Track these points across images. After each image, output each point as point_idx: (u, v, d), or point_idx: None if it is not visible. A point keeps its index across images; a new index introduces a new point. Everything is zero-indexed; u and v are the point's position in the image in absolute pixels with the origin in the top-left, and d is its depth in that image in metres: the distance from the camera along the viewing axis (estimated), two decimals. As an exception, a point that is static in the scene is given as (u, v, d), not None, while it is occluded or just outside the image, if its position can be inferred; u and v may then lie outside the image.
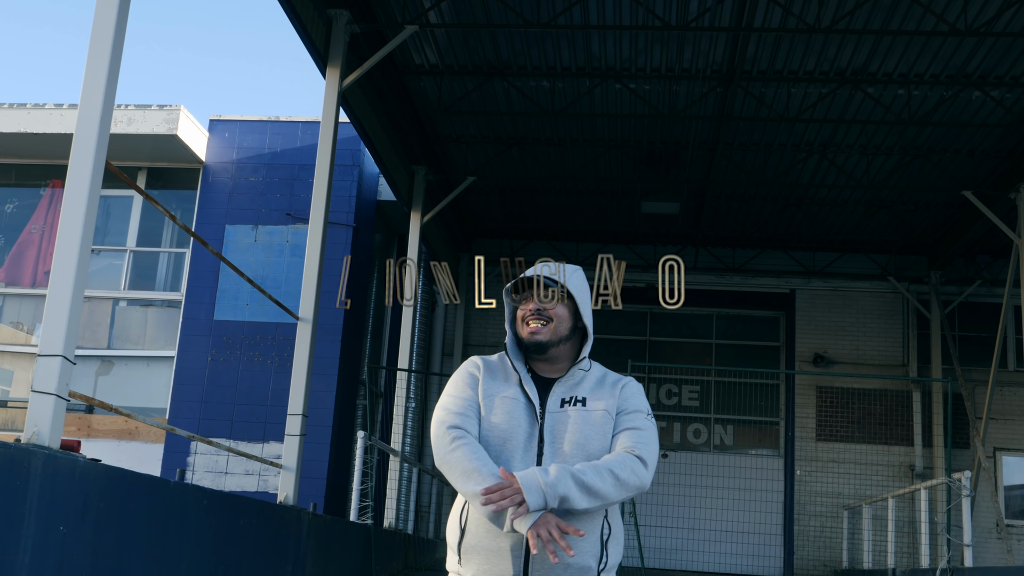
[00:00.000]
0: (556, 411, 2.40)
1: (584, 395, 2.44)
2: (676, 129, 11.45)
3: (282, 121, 13.88)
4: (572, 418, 2.38)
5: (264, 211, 13.53)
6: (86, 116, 4.44)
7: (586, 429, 2.37)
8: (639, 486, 2.32)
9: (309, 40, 8.36)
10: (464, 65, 10.35)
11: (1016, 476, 14.64)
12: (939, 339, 14.70)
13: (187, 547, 5.17)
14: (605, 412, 2.39)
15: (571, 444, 2.36)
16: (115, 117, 13.12)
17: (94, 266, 14.21)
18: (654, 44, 9.67)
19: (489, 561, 2.30)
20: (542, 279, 2.45)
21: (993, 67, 9.50)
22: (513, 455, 2.35)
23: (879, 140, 11.29)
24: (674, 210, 13.45)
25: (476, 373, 2.52)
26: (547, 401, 2.42)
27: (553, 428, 2.38)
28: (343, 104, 9.48)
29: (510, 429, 2.37)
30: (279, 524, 6.74)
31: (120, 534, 4.40)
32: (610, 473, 2.27)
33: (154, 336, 13.73)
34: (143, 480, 4.69)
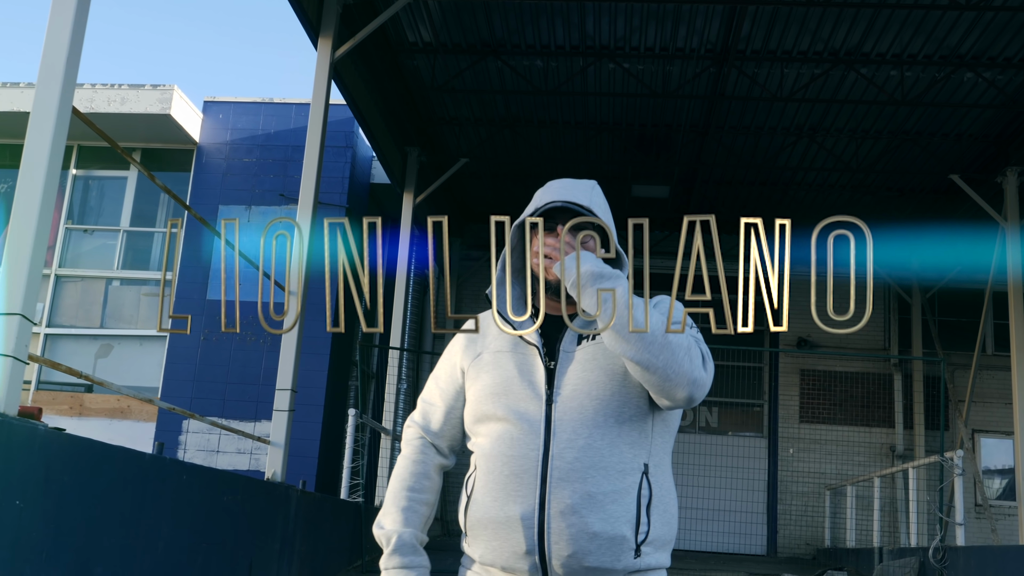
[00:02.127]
0: (571, 350, 1.87)
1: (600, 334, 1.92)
2: (668, 112, 10.94)
3: (276, 103, 13.30)
4: (590, 357, 1.85)
5: (258, 192, 12.96)
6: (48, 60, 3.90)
7: (606, 365, 1.82)
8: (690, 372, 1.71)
9: (301, 11, 7.82)
10: (458, 43, 9.81)
11: (993, 457, 14.28)
12: (920, 323, 14.30)
13: (165, 524, 4.65)
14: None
15: (584, 385, 1.82)
16: (108, 96, 12.52)
17: (87, 246, 13.61)
18: (649, 22, 9.16)
19: (498, 536, 1.80)
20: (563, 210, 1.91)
21: (986, 48, 9.04)
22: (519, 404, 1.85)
23: (868, 124, 10.83)
24: (664, 194, 12.96)
25: (455, 346, 2.05)
26: (560, 340, 1.89)
27: (566, 368, 1.85)
28: (337, 81, 8.93)
29: (504, 382, 1.87)
30: (266, 501, 6.22)
31: (87, 510, 3.88)
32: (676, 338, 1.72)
33: (146, 316, 13.15)
34: (113, 452, 4.16)
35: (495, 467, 1.82)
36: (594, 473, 1.77)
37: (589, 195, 1.95)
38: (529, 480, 1.78)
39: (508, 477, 1.80)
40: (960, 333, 14.37)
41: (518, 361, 1.90)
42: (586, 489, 1.75)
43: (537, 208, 1.94)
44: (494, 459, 1.83)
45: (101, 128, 13.30)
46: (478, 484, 1.86)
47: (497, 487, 1.81)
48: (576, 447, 1.78)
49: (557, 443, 1.79)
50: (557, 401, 1.83)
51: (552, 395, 1.84)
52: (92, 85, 12.60)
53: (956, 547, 7.67)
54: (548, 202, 1.92)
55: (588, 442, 1.79)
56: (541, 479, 1.77)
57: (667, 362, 1.71)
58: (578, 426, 1.80)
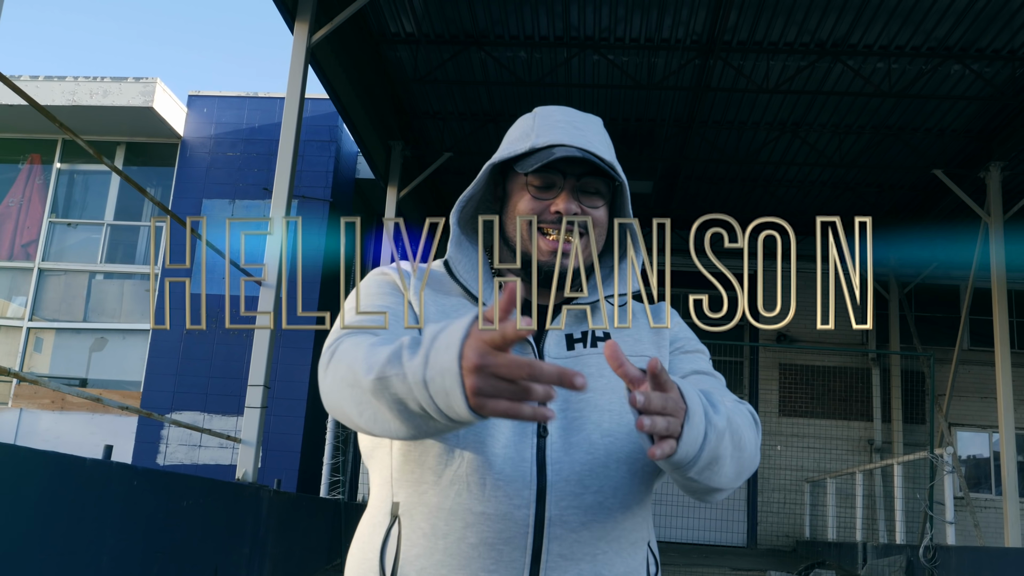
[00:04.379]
0: (562, 357, 1.26)
1: (606, 329, 1.30)
2: (652, 106, 10.35)
3: (260, 97, 12.62)
4: (593, 366, 1.25)
5: (241, 186, 12.29)
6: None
7: (618, 385, 1.21)
8: (753, 459, 1.20)
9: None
10: (440, 34, 9.19)
11: (967, 450, 13.81)
12: (897, 318, 13.81)
13: (110, 534, 4.02)
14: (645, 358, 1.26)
15: (593, 411, 1.20)
16: (90, 89, 11.81)
17: (70, 239, 12.90)
18: (633, 12, 8.57)
19: None
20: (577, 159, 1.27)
21: (975, 39, 8.50)
22: (491, 435, 1.17)
23: (852, 119, 10.28)
24: (647, 189, 12.38)
25: (398, 285, 1.29)
26: (544, 340, 1.27)
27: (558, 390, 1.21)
28: (317, 71, 8.31)
29: None
30: (234, 503, 5.59)
31: (14, 522, 3.26)
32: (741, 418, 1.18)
33: (130, 310, 12.45)
34: (47, 458, 3.54)
35: (453, 530, 1.15)
36: (605, 547, 1.16)
37: (606, 141, 1.34)
38: (512, 556, 1.13)
39: (476, 548, 1.13)
40: (937, 328, 13.90)
41: None
42: (596, 572, 1.15)
43: (536, 147, 1.27)
44: (451, 517, 1.15)
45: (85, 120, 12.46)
46: (413, 554, 1.16)
47: (455, 563, 1.14)
48: (583, 507, 1.16)
49: (556, 499, 1.15)
50: (550, 431, 1.19)
51: (546, 424, 1.19)
52: (74, 78, 11.89)
53: (947, 546, 7.13)
54: (555, 144, 1.26)
55: (599, 499, 1.16)
56: (532, 555, 1.13)
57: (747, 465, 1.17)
58: (585, 475, 1.17)
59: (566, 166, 1.26)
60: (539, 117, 1.34)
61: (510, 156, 1.29)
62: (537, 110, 1.37)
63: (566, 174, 1.26)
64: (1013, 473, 8.86)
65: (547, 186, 1.27)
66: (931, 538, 7.23)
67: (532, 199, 1.27)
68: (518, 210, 1.27)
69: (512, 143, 1.32)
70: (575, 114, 1.34)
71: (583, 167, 1.26)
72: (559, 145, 1.25)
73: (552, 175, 1.27)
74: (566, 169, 1.26)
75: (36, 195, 12.96)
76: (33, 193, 13.01)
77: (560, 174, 1.26)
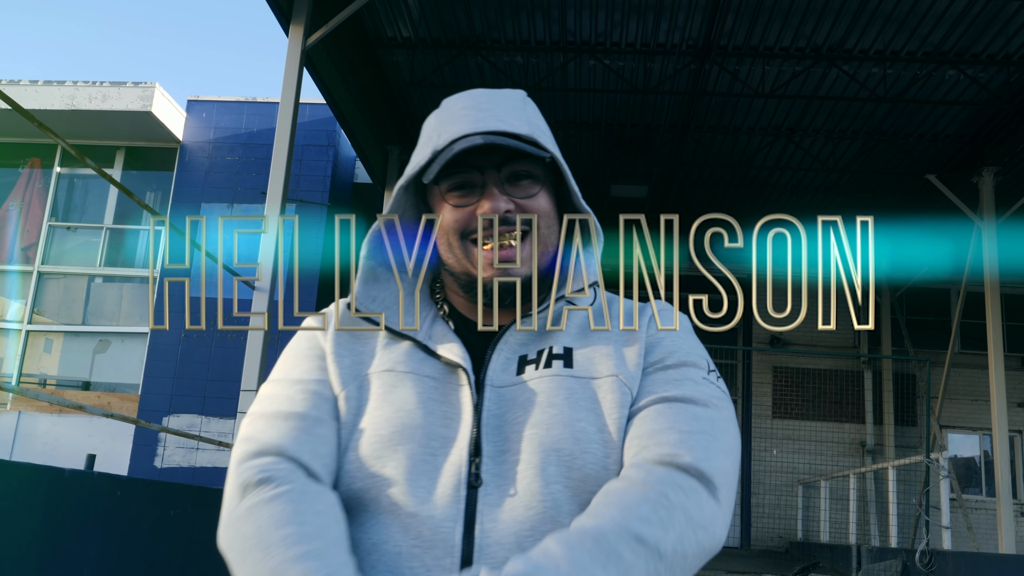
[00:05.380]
0: (507, 384, 0.99)
1: (568, 343, 1.03)
2: (648, 111, 10.13)
3: (259, 102, 12.39)
4: (543, 393, 0.97)
5: (240, 190, 12.05)
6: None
7: (571, 417, 0.95)
8: (709, 548, 0.90)
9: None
10: (437, 38, 8.96)
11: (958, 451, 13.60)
12: (889, 322, 13.60)
13: (91, 548, 3.78)
14: (614, 379, 0.98)
15: (538, 451, 0.93)
16: (89, 94, 11.56)
17: (70, 243, 12.65)
18: (630, 17, 8.35)
19: None
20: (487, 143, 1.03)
21: (970, 44, 8.30)
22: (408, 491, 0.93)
23: (846, 124, 10.07)
24: (642, 194, 12.16)
25: (319, 341, 1.08)
26: (487, 365, 1.01)
27: (501, 418, 0.96)
28: (313, 74, 8.08)
29: (403, 429, 0.96)
30: (225, 510, 5.35)
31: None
32: (638, 543, 0.84)
33: (128, 312, 12.20)
34: (22, 470, 3.31)
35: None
36: None
37: (525, 115, 1.07)
38: None
39: None
40: (928, 331, 13.70)
41: (423, 389, 0.99)
42: None
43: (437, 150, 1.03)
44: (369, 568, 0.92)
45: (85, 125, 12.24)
46: None
47: None
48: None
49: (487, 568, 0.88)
50: (487, 483, 0.93)
51: (479, 465, 0.94)
52: (74, 83, 11.64)
53: (944, 551, 6.90)
54: (456, 138, 1.02)
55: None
56: None
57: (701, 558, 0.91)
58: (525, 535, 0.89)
59: (478, 159, 1.02)
60: (441, 111, 1.10)
61: (415, 171, 1.06)
62: (442, 103, 1.13)
63: (483, 168, 1.03)
64: (1007, 476, 8.65)
65: (467, 189, 1.03)
66: (927, 543, 7.01)
67: (453, 209, 1.04)
68: (443, 227, 1.05)
69: (417, 152, 1.09)
70: (482, 95, 1.09)
71: (500, 154, 1.02)
72: (460, 138, 1.02)
73: (466, 175, 1.03)
74: (480, 163, 1.02)
75: (36, 199, 12.70)
76: (33, 197, 12.76)
77: (476, 171, 1.03)
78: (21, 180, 12.81)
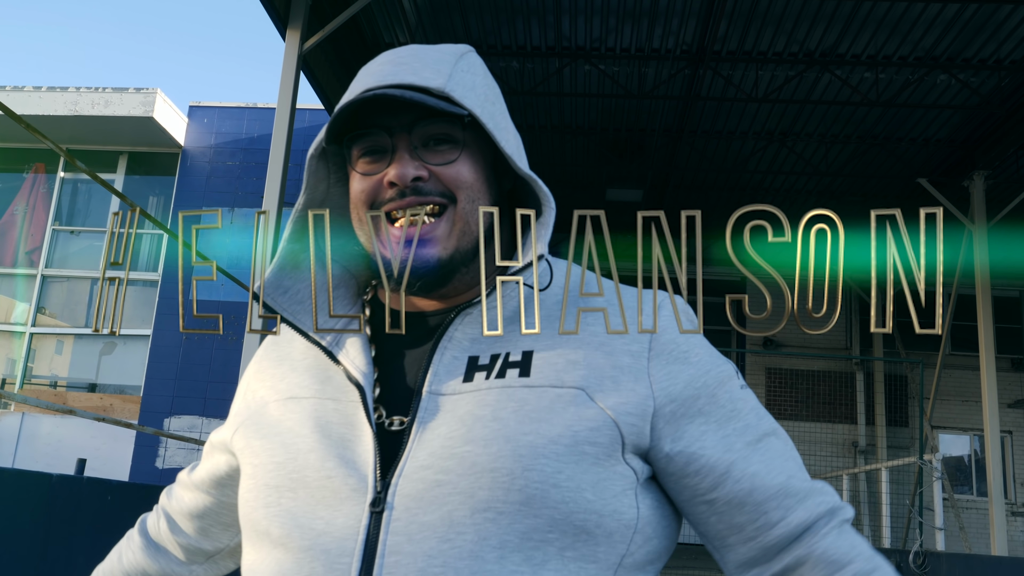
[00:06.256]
0: (449, 392, 0.80)
1: (528, 345, 0.82)
2: (643, 115, 10.02)
3: (260, 108, 12.27)
4: (489, 407, 0.77)
5: (240, 194, 11.93)
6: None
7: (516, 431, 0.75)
8: None
9: (268, 2, 6.84)
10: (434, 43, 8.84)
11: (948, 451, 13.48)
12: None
13: (80, 554, 3.65)
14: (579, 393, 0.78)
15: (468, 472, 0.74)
16: (92, 100, 11.45)
17: (73, 247, 12.52)
18: (625, 22, 8.24)
19: None
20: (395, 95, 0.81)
21: (962, 49, 8.18)
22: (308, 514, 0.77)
23: (838, 128, 9.96)
24: (637, 197, 12.05)
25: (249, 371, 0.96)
26: (427, 368, 0.82)
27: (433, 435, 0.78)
28: (311, 80, 7.97)
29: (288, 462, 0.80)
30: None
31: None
32: None
33: (131, 315, 12.07)
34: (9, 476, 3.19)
35: None
36: None
37: (452, 69, 0.86)
38: None
39: None
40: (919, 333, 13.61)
41: (321, 415, 0.83)
42: None
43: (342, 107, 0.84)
44: None
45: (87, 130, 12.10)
46: None
47: None
48: None
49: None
50: (394, 505, 0.75)
51: (387, 493, 0.76)
52: (76, 88, 11.53)
53: (937, 552, 6.78)
54: (366, 90, 0.83)
55: None
56: None
57: None
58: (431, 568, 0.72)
59: (388, 119, 0.84)
60: (362, 70, 0.90)
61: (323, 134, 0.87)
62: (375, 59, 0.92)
63: (392, 129, 0.84)
64: (998, 477, 8.53)
65: (376, 155, 0.85)
66: (920, 544, 6.88)
67: (361, 177, 0.85)
68: (352, 199, 0.87)
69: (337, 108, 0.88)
70: (408, 49, 0.90)
71: (411, 113, 0.83)
72: (371, 90, 0.82)
73: (376, 137, 0.84)
74: (390, 123, 0.84)
75: (40, 203, 12.58)
76: (37, 201, 12.63)
77: (384, 132, 0.84)
78: (26, 185, 12.68)
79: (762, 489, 0.80)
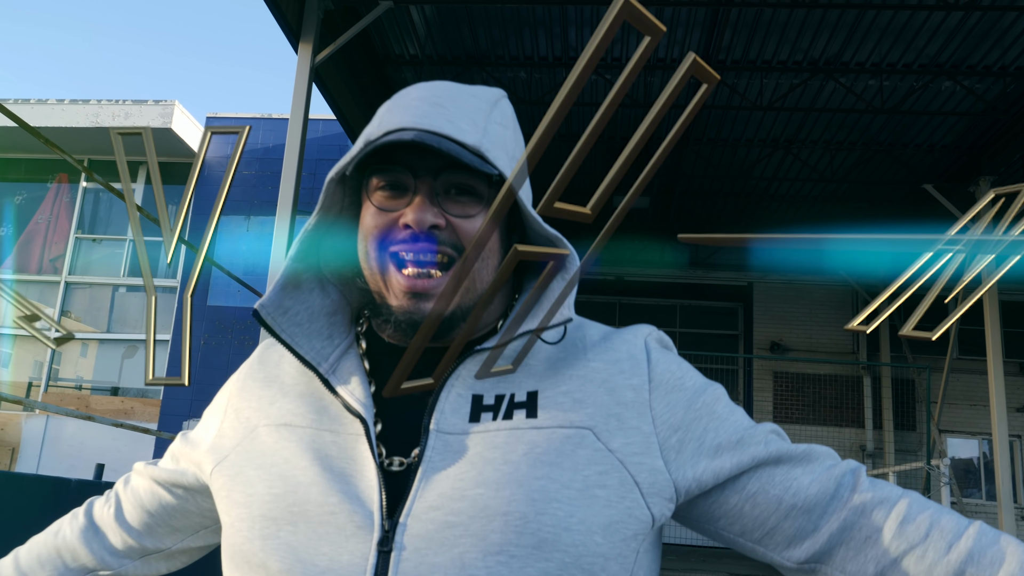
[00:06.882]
0: (457, 431, 0.79)
1: (532, 386, 0.81)
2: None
3: (275, 118, 12.36)
4: (499, 449, 0.76)
5: (256, 203, 12.02)
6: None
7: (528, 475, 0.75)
8: None
9: (281, 16, 6.90)
10: (443, 55, 8.89)
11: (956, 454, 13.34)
12: (888, 328, 13.37)
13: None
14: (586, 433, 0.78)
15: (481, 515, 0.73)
16: (112, 112, 11.58)
17: (95, 254, 12.66)
18: (630, 33, 8.24)
19: None
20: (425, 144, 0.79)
21: (966, 56, 8.12)
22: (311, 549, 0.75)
23: (843, 135, 9.91)
24: (644, 204, 12.04)
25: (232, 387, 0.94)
26: (434, 405, 0.80)
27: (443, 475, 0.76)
28: (323, 90, 8.02)
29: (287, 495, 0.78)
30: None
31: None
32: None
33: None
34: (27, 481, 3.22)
35: None
36: None
37: (486, 120, 0.85)
38: None
39: None
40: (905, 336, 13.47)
41: (319, 447, 0.81)
42: None
43: (369, 139, 0.82)
44: None
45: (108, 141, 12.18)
46: None
47: None
48: None
49: None
50: (403, 545, 0.74)
51: (395, 533, 0.75)
52: (97, 101, 11.66)
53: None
54: (399, 128, 0.81)
55: None
56: None
57: None
58: None
59: (416, 160, 0.82)
60: (393, 99, 0.89)
61: (345, 163, 0.84)
62: (400, 93, 0.90)
63: (417, 172, 0.82)
64: (1007, 481, 8.44)
65: (397, 192, 0.83)
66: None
67: (377, 211, 0.83)
68: (363, 230, 0.85)
69: (358, 145, 0.86)
70: (443, 87, 0.88)
71: (440, 160, 0.81)
72: (397, 130, 0.80)
73: (399, 175, 0.82)
74: (416, 164, 0.82)
75: (63, 212, 12.72)
76: (61, 210, 12.78)
77: (409, 172, 0.82)
78: (49, 195, 12.83)
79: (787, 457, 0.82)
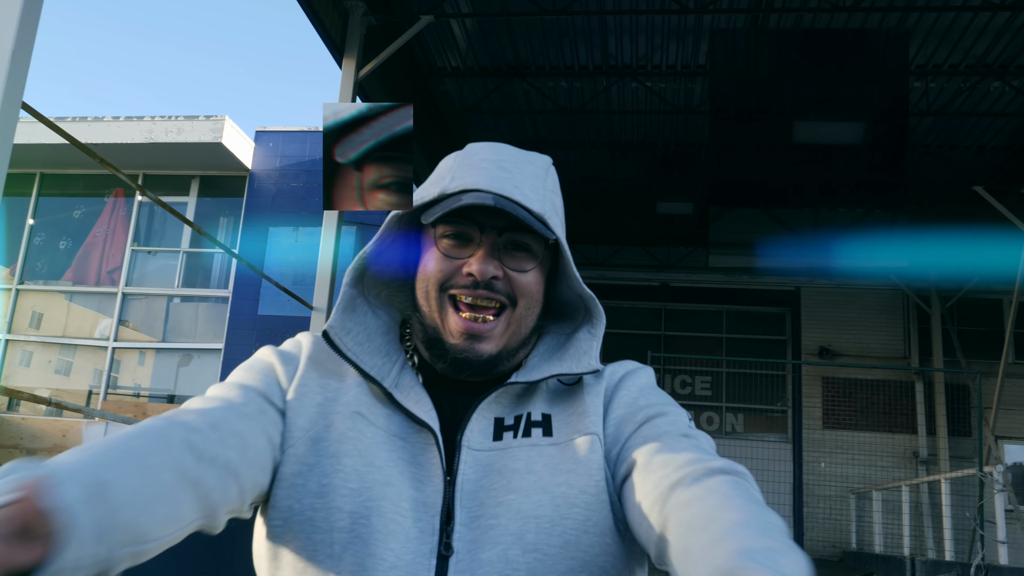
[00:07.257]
0: (484, 448, 0.90)
1: (546, 409, 0.94)
2: (691, 130, 9.94)
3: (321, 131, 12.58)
4: (522, 460, 0.88)
5: (305, 214, 12.24)
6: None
7: (551, 482, 0.86)
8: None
9: (325, 32, 7.04)
10: (485, 67, 8.95)
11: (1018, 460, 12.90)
12: (940, 333, 13.01)
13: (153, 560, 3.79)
14: (593, 438, 0.90)
15: (515, 518, 0.84)
16: (165, 128, 11.91)
17: (151, 266, 13.02)
18: (670, 41, 8.20)
19: None
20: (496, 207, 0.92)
21: (1014, 56, 7.90)
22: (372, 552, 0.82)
23: (890, 137, 9.69)
24: (687, 210, 11.93)
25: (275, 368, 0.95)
26: (466, 425, 0.90)
27: (478, 483, 0.87)
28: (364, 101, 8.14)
29: (374, 485, 0.85)
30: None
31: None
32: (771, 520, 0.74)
33: (204, 330, 12.47)
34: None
35: None
36: None
37: (544, 188, 0.98)
38: None
39: None
40: (980, 342, 13.06)
41: (391, 448, 0.89)
42: None
43: (445, 193, 0.95)
44: None
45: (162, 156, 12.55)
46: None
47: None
48: None
49: None
50: (457, 547, 0.84)
51: (451, 533, 0.84)
52: (151, 118, 12.01)
53: (1000, 566, 6.50)
54: (468, 189, 0.93)
55: None
56: None
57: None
58: None
59: (484, 217, 0.93)
60: (462, 156, 1.02)
61: (417, 204, 0.96)
62: (466, 147, 1.04)
63: (483, 227, 0.93)
64: (1065, 489, 8.14)
65: (462, 242, 0.94)
66: (982, 557, 6.61)
67: (442, 257, 0.94)
68: (425, 272, 0.96)
69: (425, 187, 1.00)
70: (507, 152, 1.01)
71: (505, 219, 0.93)
72: (472, 191, 0.93)
73: (467, 227, 0.94)
74: (484, 221, 0.93)
75: (120, 226, 13.12)
76: (118, 224, 13.18)
77: (476, 227, 0.93)
78: (107, 208, 13.25)
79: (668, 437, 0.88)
